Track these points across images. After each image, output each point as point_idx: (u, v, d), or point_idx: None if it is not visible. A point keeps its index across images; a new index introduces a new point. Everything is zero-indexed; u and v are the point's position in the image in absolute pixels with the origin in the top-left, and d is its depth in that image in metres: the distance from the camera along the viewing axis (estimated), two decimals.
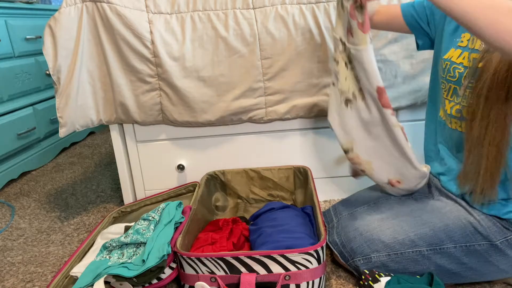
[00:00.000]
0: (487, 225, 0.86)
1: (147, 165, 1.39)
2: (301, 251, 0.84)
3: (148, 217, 1.10)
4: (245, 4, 1.21)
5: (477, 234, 0.87)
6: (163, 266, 0.91)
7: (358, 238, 0.94)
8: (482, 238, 0.86)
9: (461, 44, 0.90)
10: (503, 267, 0.87)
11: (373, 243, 0.92)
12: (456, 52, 0.90)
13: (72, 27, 1.17)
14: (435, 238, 0.89)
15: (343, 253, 0.97)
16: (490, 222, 0.86)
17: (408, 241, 0.90)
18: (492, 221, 0.86)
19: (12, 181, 1.83)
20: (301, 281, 0.86)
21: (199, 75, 1.22)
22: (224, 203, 1.35)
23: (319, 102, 1.24)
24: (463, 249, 0.87)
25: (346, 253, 0.96)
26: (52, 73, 1.18)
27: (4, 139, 1.72)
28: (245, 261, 0.86)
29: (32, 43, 1.96)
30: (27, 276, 1.10)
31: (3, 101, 1.76)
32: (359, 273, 0.94)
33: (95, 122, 1.28)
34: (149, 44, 1.18)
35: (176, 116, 1.26)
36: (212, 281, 0.88)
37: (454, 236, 0.88)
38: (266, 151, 1.36)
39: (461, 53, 0.89)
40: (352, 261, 0.94)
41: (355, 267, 0.94)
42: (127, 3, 1.17)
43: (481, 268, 0.88)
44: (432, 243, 0.89)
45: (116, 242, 1.04)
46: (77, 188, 1.70)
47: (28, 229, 1.37)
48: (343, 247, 0.96)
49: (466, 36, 0.90)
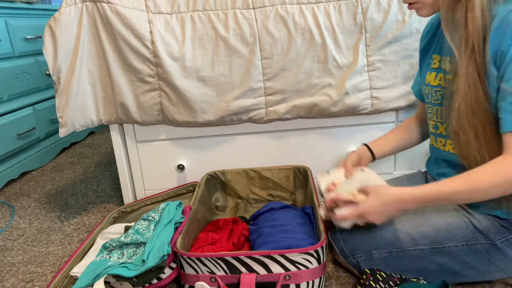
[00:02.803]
0: (487, 225, 0.86)
1: (147, 165, 1.39)
2: (301, 251, 0.84)
3: (148, 217, 1.10)
4: (245, 4, 1.20)
5: (477, 233, 0.87)
6: (163, 266, 0.91)
7: (360, 234, 0.94)
8: (483, 237, 0.86)
9: (433, 66, 0.92)
10: (503, 267, 0.88)
11: (374, 239, 0.92)
12: (432, 75, 0.92)
13: (72, 27, 1.17)
14: (437, 237, 0.89)
15: (343, 250, 0.96)
16: (489, 222, 0.86)
17: (410, 239, 0.90)
18: (491, 221, 0.86)
19: (12, 181, 1.83)
20: (301, 281, 0.86)
21: (199, 75, 1.22)
22: (224, 203, 1.35)
23: (319, 102, 1.24)
24: (464, 248, 0.87)
25: (347, 249, 0.95)
26: (52, 73, 1.18)
27: (4, 139, 1.72)
28: (245, 261, 0.86)
29: (32, 43, 1.96)
30: (27, 276, 1.10)
31: (3, 101, 1.76)
32: (359, 271, 0.94)
33: (95, 122, 1.28)
34: (149, 44, 1.18)
35: (176, 116, 1.26)
36: (212, 281, 0.88)
37: (455, 235, 0.88)
38: (266, 151, 1.36)
39: (436, 75, 0.91)
40: (353, 258, 0.94)
41: (356, 264, 0.94)
42: (127, 3, 1.17)
43: (481, 267, 0.88)
44: (434, 242, 0.89)
45: (116, 242, 1.04)
46: (77, 188, 1.70)
47: (28, 229, 1.37)
48: (344, 243, 0.96)
49: (436, 57, 0.92)
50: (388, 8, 1.19)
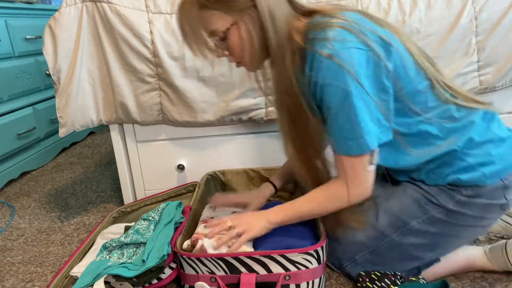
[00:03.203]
0: (436, 193, 0.89)
1: (147, 165, 1.39)
2: (301, 251, 0.84)
3: (148, 217, 1.10)
4: None
5: (431, 204, 0.89)
6: (163, 266, 0.91)
7: (338, 246, 0.97)
8: (437, 206, 0.88)
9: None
10: (470, 225, 0.89)
11: (352, 245, 0.95)
12: None
13: (72, 27, 1.17)
14: (398, 222, 0.91)
15: (334, 263, 0.99)
16: (439, 190, 0.89)
17: (379, 233, 0.92)
18: (440, 189, 0.89)
19: (12, 181, 1.83)
20: (301, 281, 0.86)
21: (199, 75, 1.22)
22: None
23: None
24: (425, 221, 0.89)
25: (336, 262, 0.99)
26: (52, 73, 1.18)
27: (4, 139, 1.72)
28: (245, 261, 0.86)
29: (32, 43, 1.96)
30: (27, 276, 1.10)
31: (3, 101, 1.76)
32: (353, 277, 0.96)
33: (95, 122, 1.28)
34: (149, 44, 1.18)
35: (176, 116, 1.26)
36: (212, 281, 0.88)
37: (413, 213, 0.90)
38: (266, 151, 1.36)
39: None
40: (342, 267, 0.97)
41: (347, 273, 0.97)
42: (127, 3, 1.17)
43: (452, 232, 0.90)
44: (398, 227, 0.91)
45: (116, 242, 1.04)
46: (77, 188, 1.70)
47: (28, 229, 1.37)
48: (330, 257, 0.98)
49: None
50: (388, 8, 1.19)
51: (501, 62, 1.20)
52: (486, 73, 1.21)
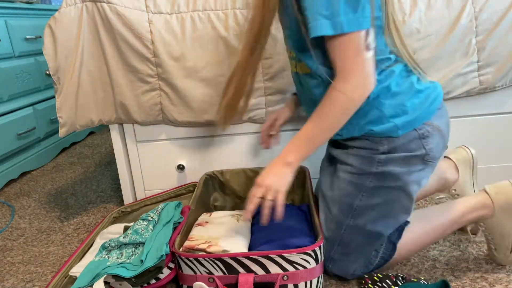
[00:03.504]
0: (357, 163, 0.89)
1: (147, 165, 1.39)
2: (299, 251, 0.84)
3: (147, 217, 1.10)
4: (245, 4, 1.20)
5: (357, 175, 0.89)
6: (161, 266, 0.91)
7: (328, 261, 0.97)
8: (364, 175, 0.89)
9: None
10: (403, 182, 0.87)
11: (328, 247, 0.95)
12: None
13: (72, 27, 1.17)
14: (345, 206, 0.92)
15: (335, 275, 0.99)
16: (357, 159, 0.89)
17: (336, 223, 0.93)
18: (357, 157, 0.89)
19: (12, 181, 1.83)
20: (299, 281, 0.86)
21: (199, 75, 1.22)
22: (222, 203, 1.35)
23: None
24: (364, 195, 0.90)
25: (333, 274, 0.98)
26: (52, 73, 1.18)
27: (4, 139, 1.72)
28: (243, 261, 0.86)
29: (32, 43, 1.96)
30: (27, 276, 1.10)
31: (3, 101, 1.76)
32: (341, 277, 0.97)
33: (95, 122, 1.28)
34: (149, 44, 1.18)
35: (176, 116, 1.26)
36: (210, 282, 0.88)
37: (351, 193, 0.91)
38: (266, 151, 1.36)
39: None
40: (327, 270, 0.97)
41: (333, 274, 0.97)
42: (127, 3, 1.17)
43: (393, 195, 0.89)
44: (346, 211, 0.92)
45: (115, 242, 1.04)
46: (77, 188, 1.70)
47: (28, 229, 1.37)
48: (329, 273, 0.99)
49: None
50: None
51: (501, 62, 1.19)
52: (486, 73, 1.21)
